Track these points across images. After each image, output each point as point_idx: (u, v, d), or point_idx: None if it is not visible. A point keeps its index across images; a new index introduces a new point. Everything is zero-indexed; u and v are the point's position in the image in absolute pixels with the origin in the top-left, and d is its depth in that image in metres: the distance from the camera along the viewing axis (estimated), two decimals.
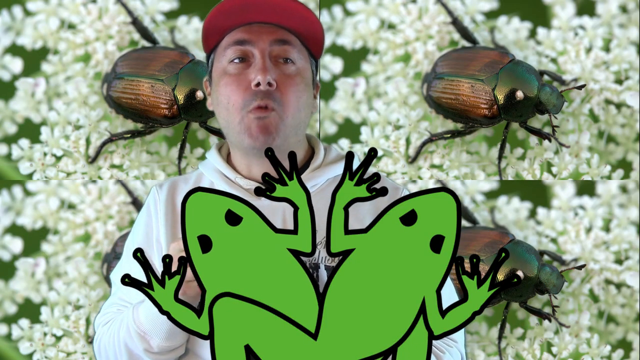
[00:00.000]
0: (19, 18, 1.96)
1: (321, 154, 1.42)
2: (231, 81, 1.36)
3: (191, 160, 1.94)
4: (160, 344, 1.30)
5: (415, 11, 1.97)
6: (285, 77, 1.35)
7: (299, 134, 1.39)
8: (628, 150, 1.97)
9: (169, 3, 1.98)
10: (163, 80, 1.89)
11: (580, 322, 1.91)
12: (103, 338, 1.37)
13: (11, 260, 1.95)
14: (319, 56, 1.44)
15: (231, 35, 1.38)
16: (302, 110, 1.37)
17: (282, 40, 1.37)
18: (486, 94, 1.88)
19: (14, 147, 1.93)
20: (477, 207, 1.98)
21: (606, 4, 1.98)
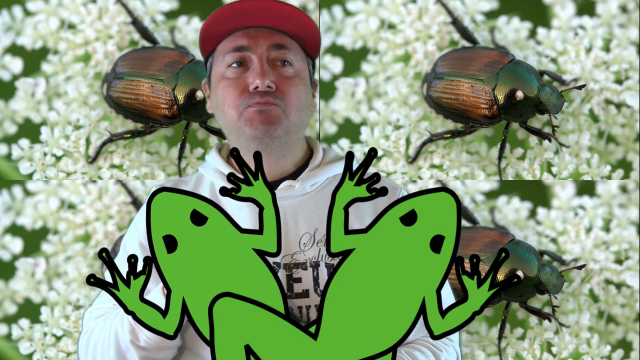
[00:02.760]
0: (19, 18, 1.96)
1: (320, 154, 1.43)
2: (229, 84, 1.37)
3: (191, 160, 1.94)
4: (148, 339, 1.30)
5: (415, 11, 1.97)
6: (283, 79, 1.37)
7: (300, 132, 1.41)
8: (628, 150, 1.97)
9: (169, 3, 1.98)
10: (163, 80, 1.89)
11: (580, 322, 1.91)
12: (95, 331, 1.37)
13: (11, 260, 1.95)
14: (316, 56, 1.45)
15: (229, 41, 1.39)
16: (303, 110, 1.39)
17: (279, 45, 1.38)
18: (486, 94, 1.88)
19: (14, 147, 1.93)
20: (477, 207, 1.98)
21: (606, 4, 1.98)
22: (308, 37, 1.41)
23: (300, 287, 1.35)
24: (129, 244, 1.42)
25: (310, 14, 1.95)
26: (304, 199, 1.38)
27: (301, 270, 1.35)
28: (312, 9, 1.98)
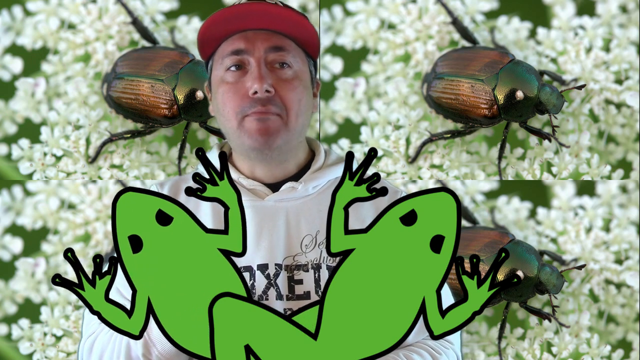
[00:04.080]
0: (19, 18, 1.96)
1: (322, 156, 1.43)
2: (228, 89, 1.37)
3: (191, 160, 1.94)
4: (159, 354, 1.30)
5: (415, 11, 1.97)
6: (282, 82, 1.36)
7: (301, 137, 1.40)
8: (628, 150, 1.97)
9: (169, 3, 1.98)
10: (163, 80, 1.89)
11: (580, 322, 1.91)
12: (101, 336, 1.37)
13: (11, 260, 1.95)
14: (316, 56, 1.44)
15: (227, 44, 1.38)
16: (304, 113, 1.39)
17: (277, 47, 1.37)
18: (486, 94, 1.88)
19: (14, 147, 1.93)
20: (477, 207, 1.98)
21: (606, 4, 1.98)
22: (306, 39, 1.40)
23: (301, 288, 1.35)
24: None
25: (310, 14, 1.95)
26: (305, 200, 1.38)
27: (302, 272, 1.35)
28: (312, 9, 1.98)
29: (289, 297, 1.34)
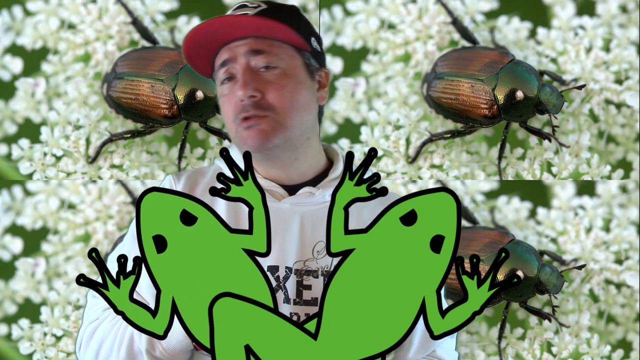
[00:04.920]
0: (19, 18, 1.96)
1: (340, 164, 1.43)
2: (225, 100, 1.38)
3: (191, 160, 1.94)
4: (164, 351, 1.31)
5: (415, 11, 1.97)
6: (269, 85, 1.36)
7: (307, 132, 1.40)
8: (628, 150, 1.97)
9: (169, 3, 1.98)
10: (163, 80, 1.89)
11: (580, 322, 1.91)
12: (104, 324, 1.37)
13: (11, 260, 1.95)
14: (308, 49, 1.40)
15: (217, 58, 1.40)
16: (302, 109, 1.38)
17: (257, 51, 1.36)
18: (486, 94, 1.88)
19: (14, 147, 1.93)
20: (477, 207, 1.98)
21: (606, 4, 1.98)
22: (286, 39, 1.38)
23: (309, 294, 1.34)
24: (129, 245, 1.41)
25: (310, 14, 1.95)
26: (321, 207, 1.37)
27: (312, 277, 1.35)
28: (312, 9, 1.98)
29: (296, 302, 1.34)
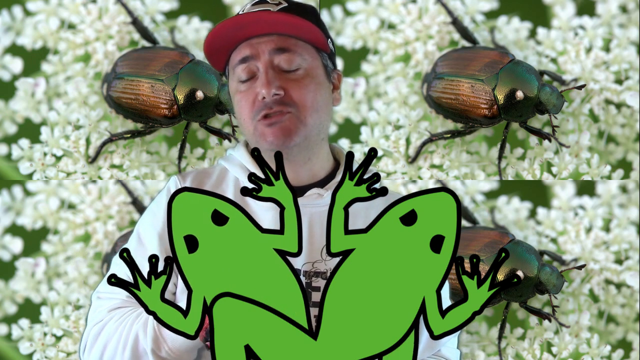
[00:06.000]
0: (19, 18, 1.96)
1: None
2: (242, 97, 1.37)
3: (191, 160, 1.94)
4: (170, 351, 1.30)
5: (415, 11, 1.97)
6: (292, 83, 1.35)
7: (322, 133, 1.39)
8: (628, 150, 1.97)
9: (169, 3, 1.98)
10: (163, 80, 1.89)
11: (580, 322, 1.91)
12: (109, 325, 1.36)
13: (11, 260, 1.95)
14: (328, 49, 1.42)
15: (236, 53, 1.38)
16: (321, 109, 1.37)
17: (282, 49, 1.36)
18: (486, 94, 1.88)
19: (14, 147, 1.93)
20: (477, 207, 1.98)
21: (606, 4, 1.98)
22: (310, 38, 1.39)
23: (317, 296, 1.33)
24: (144, 233, 1.40)
25: None
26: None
27: (321, 279, 1.35)
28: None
29: None
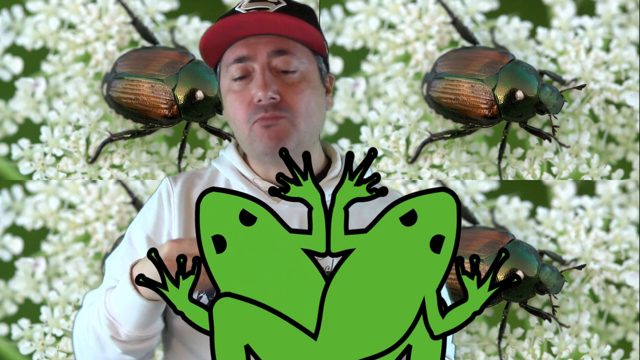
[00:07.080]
0: (19, 18, 1.96)
1: (339, 163, 1.42)
2: (235, 97, 1.36)
3: (191, 160, 1.94)
4: (129, 332, 1.30)
5: (415, 11, 1.97)
6: (288, 87, 1.34)
7: (313, 137, 1.39)
8: (628, 150, 1.97)
9: (169, 3, 1.98)
10: (163, 80, 1.89)
11: (580, 322, 1.91)
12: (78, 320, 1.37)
13: (11, 260, 1.95)
14: (325, 53, 1.41)
15: (231, 51, 1.37)
16: (314, 114, 1.37)
17: (281, 51, 1.35)
18: (486, 94, 1.88)
19: (14, 147, 1.93)
20: (477, 207, 1.98)
21: (606, 4, 1.98)
22: (309, 40, 1.38)
23: None
24: (134, 235, 1.41)
25: None
26: None
27: None
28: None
29: None
